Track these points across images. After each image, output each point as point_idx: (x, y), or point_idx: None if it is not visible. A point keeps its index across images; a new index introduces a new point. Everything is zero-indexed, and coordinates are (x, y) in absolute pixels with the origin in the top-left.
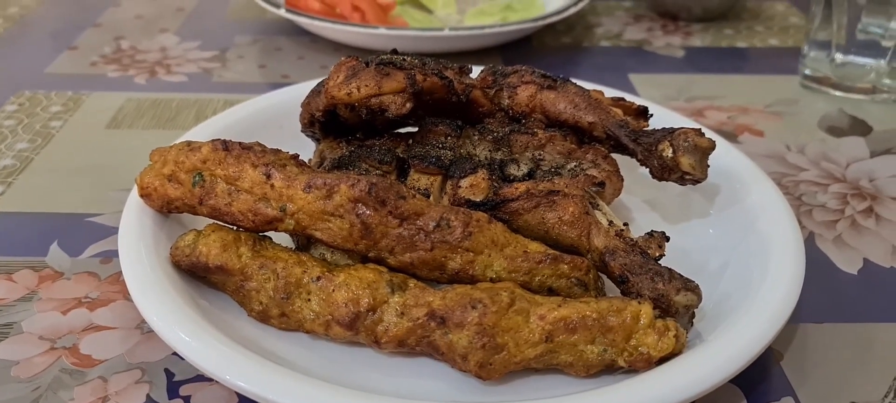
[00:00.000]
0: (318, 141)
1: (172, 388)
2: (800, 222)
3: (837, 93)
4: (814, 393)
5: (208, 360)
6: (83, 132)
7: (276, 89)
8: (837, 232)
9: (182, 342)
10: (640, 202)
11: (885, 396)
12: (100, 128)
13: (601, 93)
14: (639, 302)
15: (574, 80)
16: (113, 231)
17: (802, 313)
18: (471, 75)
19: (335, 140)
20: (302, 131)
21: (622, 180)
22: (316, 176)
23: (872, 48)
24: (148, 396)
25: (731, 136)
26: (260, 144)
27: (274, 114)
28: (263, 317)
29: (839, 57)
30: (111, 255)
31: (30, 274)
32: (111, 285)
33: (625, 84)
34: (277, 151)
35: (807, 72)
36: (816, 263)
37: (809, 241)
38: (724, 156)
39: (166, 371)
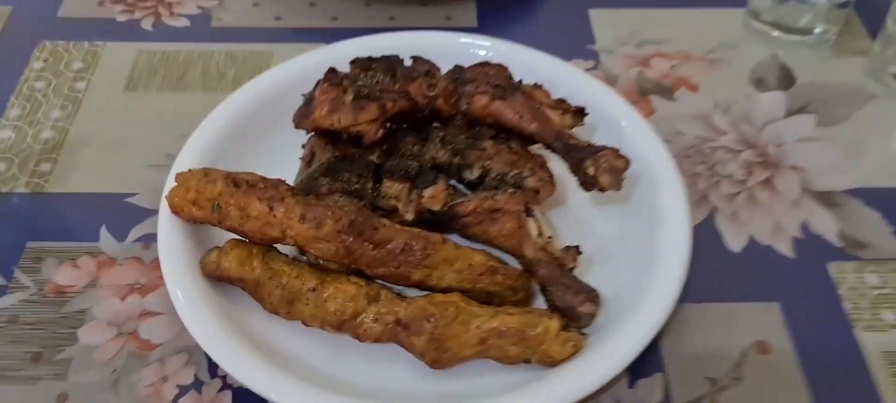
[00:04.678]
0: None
1: (212, 368)
2: (708, 197)
3: (776, 34)
4: (678, 370)
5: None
6: (105, 96)
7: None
8: (735, 207)
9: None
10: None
11: (730, 371)
12: (119, 90)
13: (546, 94)
14: (549, 318)
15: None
16: (149, 212)
17: (690, 293)
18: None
19: (325, 140)
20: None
21: (555, 186)
22: (309, 208)
23: None
24: (195, 376)
25: (668, 92)
26: (263, 181)
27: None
28: (274, 311)
29: None
30: (150, 239)
31: (89, 260)
32: (154, 270)
33: (584, 21)
34: (277, 185)
35: (751, 7)
36: (710, 242)
37: (709, 219)
38: (647, 149)
39: (205, 354)
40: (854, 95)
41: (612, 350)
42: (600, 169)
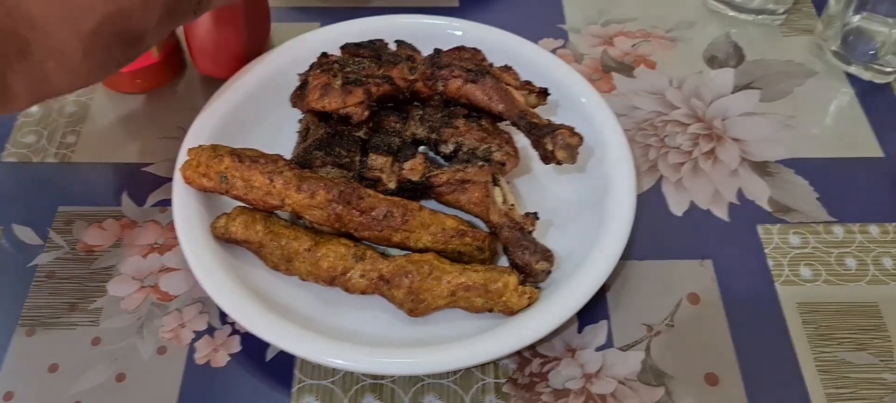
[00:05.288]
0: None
1: (223, 316)
2: (657, 166)
3: (731, 14)
4: (621, 317)
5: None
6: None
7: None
8: (680, 175)
9: (211, 288)
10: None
11: (665, 319)
12: None
13: (514, 76)
14: (509, 274)
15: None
16: (163, 180)
17: (634, 252)
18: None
19: (318, 118)
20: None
21: (519, 159)
22: (304, 181)
23: None
24: (208, 323)
25: (629, 69)
26: (264, 156)
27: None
28: (275, 268)
29: None
30: (165, 204)
31: (113, 222)
32: (170, 231)
33: (556, 2)
34: (277, 160)
35: None
36: (656, 207)
37: (657, 186)
38: (602, 123)
39: (216, 304)
40: (797, 72)
41: (561, 301)
42: (557, 145)
